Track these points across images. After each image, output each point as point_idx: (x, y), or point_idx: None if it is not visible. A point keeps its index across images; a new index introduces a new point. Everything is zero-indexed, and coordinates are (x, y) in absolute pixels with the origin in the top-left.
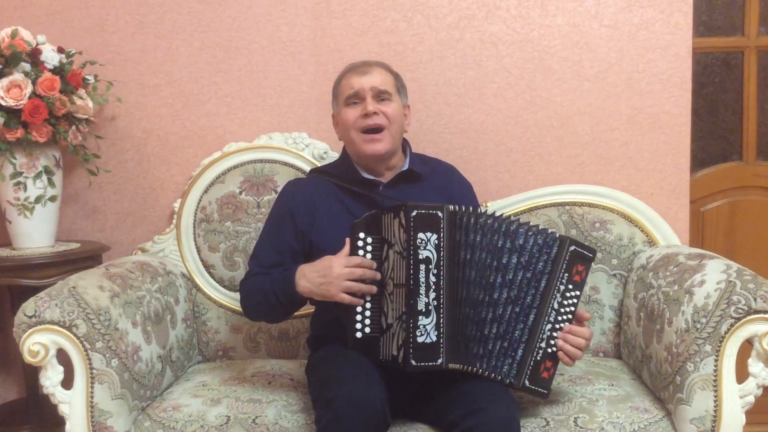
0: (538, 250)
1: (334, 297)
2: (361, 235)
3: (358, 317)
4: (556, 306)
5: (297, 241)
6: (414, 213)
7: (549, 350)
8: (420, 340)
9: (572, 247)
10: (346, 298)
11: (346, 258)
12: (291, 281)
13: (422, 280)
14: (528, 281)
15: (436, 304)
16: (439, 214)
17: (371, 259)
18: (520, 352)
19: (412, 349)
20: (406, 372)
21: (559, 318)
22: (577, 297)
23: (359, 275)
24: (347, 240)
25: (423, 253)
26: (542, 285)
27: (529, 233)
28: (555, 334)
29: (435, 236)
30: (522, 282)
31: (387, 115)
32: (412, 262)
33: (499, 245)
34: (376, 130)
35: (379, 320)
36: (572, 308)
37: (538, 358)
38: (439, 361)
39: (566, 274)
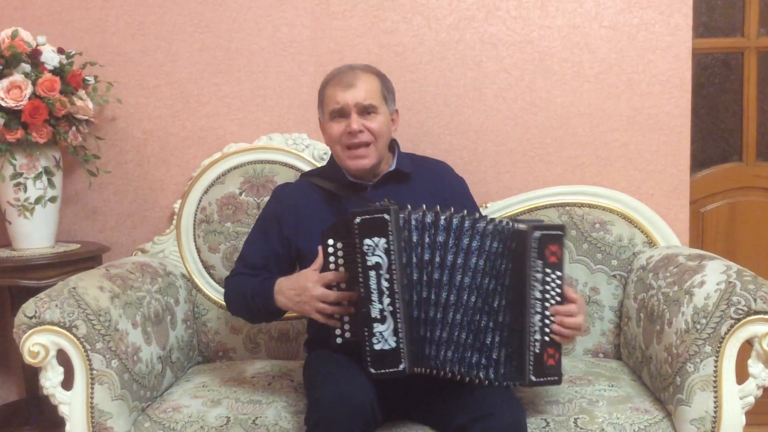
0: (496, 252)
1: (309, 315)
2: (330, 241)
3: (338, 323)
4: (539, 296)
5: (282, 246)
6: (358, 220)
7: (546, 338)
8: (377, 347)
9: (537, 233)
10: (321, 319)
11: (321, 276)
12: (270, 294)
13: (373, 286)
14: (495, 285)
15: (391, 309)
16: (386, 216)
17: (344, 263)
18: (503, 351)
19: (369, 357)
20: (371, 379)
21: (547, 305)
22: (560, 277)
23: (333, 299)
24: (320, 248)
25: (372, 260)
26: (506, 283)
27: (487, 233)
28: (548, 321)
29: (383, 240)
30: (489, 287)
31: (372, 131)
32: (360, 269)
33: (466, 244)
34: (360, 146)
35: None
36: (558, 290)
37: (538, 351)
38: (401, 366)
39: (540, 261)
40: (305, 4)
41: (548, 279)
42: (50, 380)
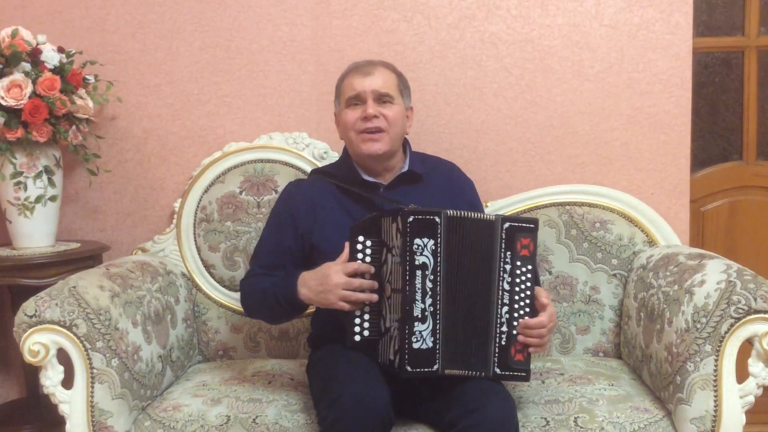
0: (478, 243)
1: (333, 305)
2: (360, 238)
3: (357, 320)
4: (507, 287)
5: (296, 244)
6: (411, 219)
7: (514, 332)
8: (416, 346)
9: (506, 224)
10: (345, 307)
11: (344, 265)
12: (293, 288)
13: (418, 286)
14: (476, 277)
15: (432, 310)
16: (437, 219)
17: (370, 262)
18: (475, 343)
19: (407, 356)
20: (401, 377)
21: (516, 297)
22: (531, 271)
23: (357, 286)
24: (347, 244)
25: (419, 259)
26: (479, 272)
27: (473, 227)
28: (516, 315)
29: (432, 242)
30: (471, 279)
31: (387, 118)
32: (407, 268)
33: (469, 243)
34: (375, 131)
35: (378, 323)
36: (528, 283)
37: (503, 344)
38: (435, 367)
39: (509, 252)
40: (305, 4)
41: (518, 272)
42: (50, 379)
